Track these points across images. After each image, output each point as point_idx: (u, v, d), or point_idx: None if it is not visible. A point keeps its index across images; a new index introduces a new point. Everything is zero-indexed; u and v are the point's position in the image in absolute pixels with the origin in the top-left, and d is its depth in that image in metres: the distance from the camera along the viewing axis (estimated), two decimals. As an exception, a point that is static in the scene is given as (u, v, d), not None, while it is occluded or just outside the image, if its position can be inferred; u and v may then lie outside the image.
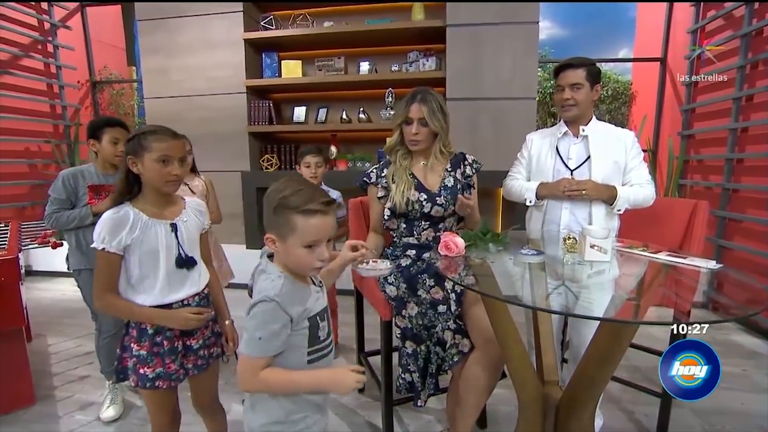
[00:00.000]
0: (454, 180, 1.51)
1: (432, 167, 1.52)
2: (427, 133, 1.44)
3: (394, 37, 2.98)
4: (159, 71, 3.16)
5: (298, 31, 3.00)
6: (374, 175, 1.52)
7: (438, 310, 1.29)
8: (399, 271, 1.41)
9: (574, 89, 1.48)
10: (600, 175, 1.45)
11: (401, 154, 1.50)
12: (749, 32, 2.59)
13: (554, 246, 1.35)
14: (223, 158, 3.16)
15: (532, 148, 1.63)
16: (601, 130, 1.53)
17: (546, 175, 1.53)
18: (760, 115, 2.54)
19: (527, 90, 2.82)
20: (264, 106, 3.12)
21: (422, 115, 1.42)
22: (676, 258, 1.11)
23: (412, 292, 1.35)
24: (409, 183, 1.45)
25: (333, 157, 3.17)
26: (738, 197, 2.68)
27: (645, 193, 1.46)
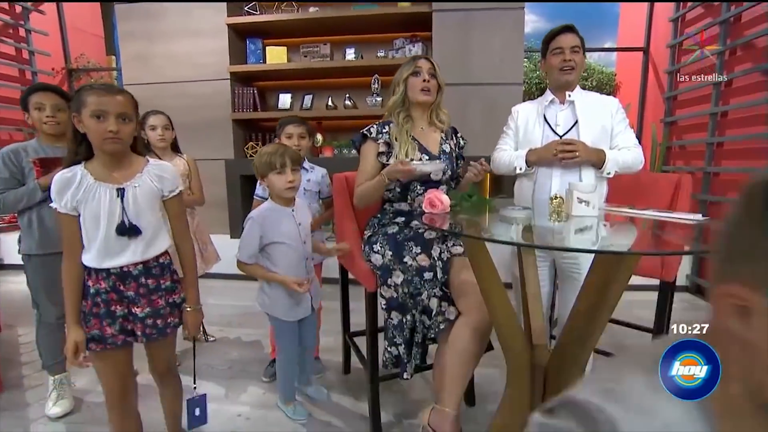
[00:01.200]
0: (450, 148, 1.53)
1: (429, 133, 1.52)
2: (435, 85, 1.46)
3: (380, 23, 2.96)
4: (139, 57, 3.08)
5: (282, 17, 2.95)
6: (375, 131, 1.48)
7: (424, 278, 1.27)
8: (385, 239, 1.38)
9: (575, 52, 1.47)
10: (588, 139, 1.44)
11: (403, 117, 1.48)
12: (727, 18, 2.64)
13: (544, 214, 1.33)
14: (206, 146, 3.09)
15: (519, 118, 1.60)
16: (586, 96, 1.53)
17: (535, 143, 1.51)
18: (739, 99, 2.59)
19: (514, 75, 2.82)
20: (248, 93, 3.06)
21: (431, 66, 1.46)
22: (663, 213, 1.10)
23: (398, 259, 1.32)
24: (411, 144, 1.45)
25: (319, 145, 3.13)
26: (719, 180, 2.73)
27: (633, 156, 1.45)
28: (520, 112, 1.61)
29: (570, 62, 1.45)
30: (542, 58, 1.59)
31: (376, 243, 1.40)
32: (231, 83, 3.06)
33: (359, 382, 1.75)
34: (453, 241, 1.36)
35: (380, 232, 1.42)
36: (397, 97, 1.48)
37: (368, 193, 1.43)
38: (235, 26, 3.01)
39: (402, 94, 1.47)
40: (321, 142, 3.12)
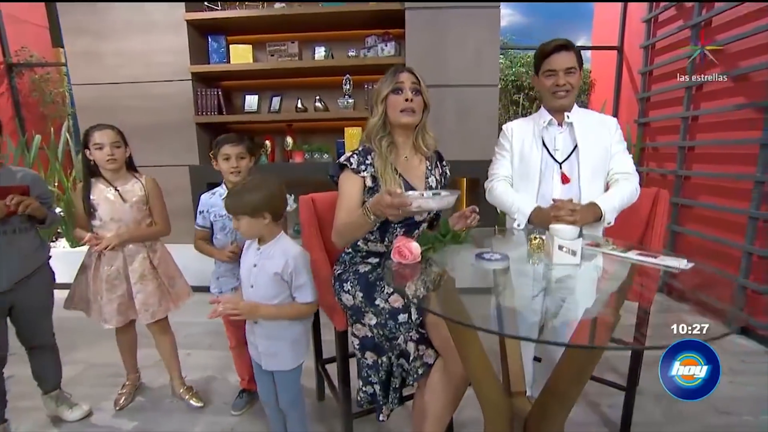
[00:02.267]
0: (436, 181, 1.37)
1: (413, 163, 1.35)
2: (420, 103, 1.28)
3: (350, 20, 2.81)
4: (88, 55, 2.81)
5: (246, 13, 2.76)
6: (356, 161, 1.26)
7: (398, 320, 1.17)
8: (356, 278, 1.29)
9: (569, 74, 1.35)
10: (589, 165, 1.36)
11: (386, 144, 1.28)
12: (699, 23, 2.64)
13: (523, 259, 1.25)
14: (168, 151, 2.89)
15: (514, 139, 1.48)
16: (585, 117, 1.44)
17: (533, 169, 1.41)
18: (709, 104, 2.61)
19: (490, 77, 2.75)
20: (212, 95, 2.87)
21: (416, 80, 1.27)
22: (647, 257, 1.05)
23: (369, 301, 1.23)
24: (396, 181, 1.25)
25: (289, 149, 2.99)
26: (690, 184, 2.76)
27: (630, 192, 1.36)
28: (515, 130, 1.49)
29: (564, 86, 1.35)
30: (534, 73, 1.47)
31: (346, 282, 1.30)
32: (193, 84, 2.85)
33: (334, 409, 1.68)
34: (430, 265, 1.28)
35: (351, 270, 1.32)
36: (376, 120, 1.28)
37: (349, 232, 1.22)
38: (195, 22, 2.80)
39: (382, 116, 1.28)
40: (291, 146, 2.98)
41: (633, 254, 1.07)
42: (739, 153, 2.37)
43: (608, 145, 1.40)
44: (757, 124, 2.22)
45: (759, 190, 2.19)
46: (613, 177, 1.42)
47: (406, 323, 1.17)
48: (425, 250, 1.07)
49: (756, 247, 2.20)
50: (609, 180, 1.43)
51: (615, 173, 1.41)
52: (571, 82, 1.35)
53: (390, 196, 1.02)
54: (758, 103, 2.21)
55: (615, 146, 1.42)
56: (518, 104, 4.22)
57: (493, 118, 2.80)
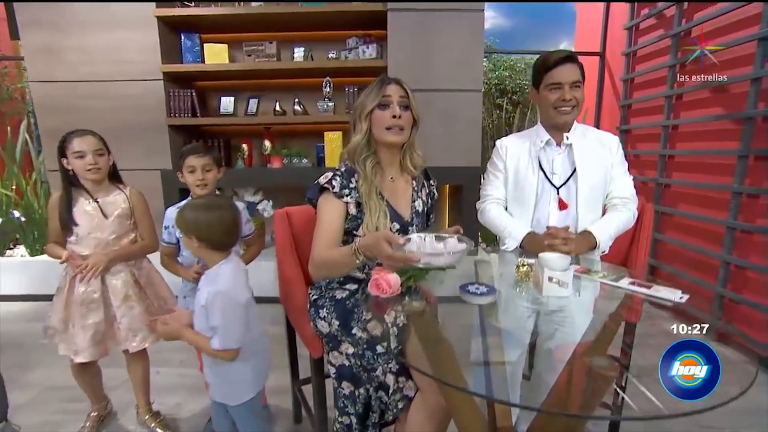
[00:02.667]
0: (422, 203, 1.29)
1: (399, 186, 1.24)
2: (409, 119, 1.17)
3: (331, 20, 2.71)
4: (47, 50, 2.62)
5: (221, 11, 2.63)
6: (338, 184, 1.15)
7: (376, 351, 1.10)
8: (332, 305, 1.21)
9: (575, 88, 1.25)
10: (587, 190, 1.29)
11: (371, 165, 1.16)
12: (678, 33, 2.65)
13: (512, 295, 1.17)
14: (138, 155, 2.73)
15: (508, 158, 1.38)
16: (585, 136, 1.34)
17: (528, 193, 1.32)
18: (689, 113, 2.63)
19: (474, 81, 2.70)
20: (185, 96, 2.73)
21: (404, 94, 1.15)
22: (640, 288, 1.00)
23: (345, 330, 1.15)
24: (382, 209, 1.15)
25: (267, 153, 2.87)
26: (670, 192, 2.78)
27: (627, 219, 1.31)
28: (509, 149, 1.39)
29: (570, 101, 1.25)
30: (533, 86, 1.36)
31: (322, 308, 1.22)
32: (165, 84, 2.70)
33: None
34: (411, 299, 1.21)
35: (327, 296, 1.23)
36: (360, 138, 1.16)
37: (331, 269, 1.12)
38: (166, 19, 2.65)
39: (366, 134, 1.16)
40: (269, 150, 2.86)
41: (625, 283, 1.02)
42: (717, 163, 2.39)
43: (608, 168, 1.33)
44: (735, 135, 2.23)
45: (737, 201, 2.21)
46: (612, 201, 1.35)
47: (384, 354, 1.10)
48: (406, 280, 1.00)
49: (734, 257, 2.22)
50: (607, 203, 1.37)
51: (614, 197, 1.35)
52: (577, 96, 1.26)
53: (389, 244, 0.93)
54: (736, 114, 2.23)
55: (616, 168, 1.34)
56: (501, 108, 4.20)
57: (477, 124, 2.76)
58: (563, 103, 1.26)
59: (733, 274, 2.26)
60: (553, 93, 1.27)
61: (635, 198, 1.37)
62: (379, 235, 0.96)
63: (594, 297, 1.15)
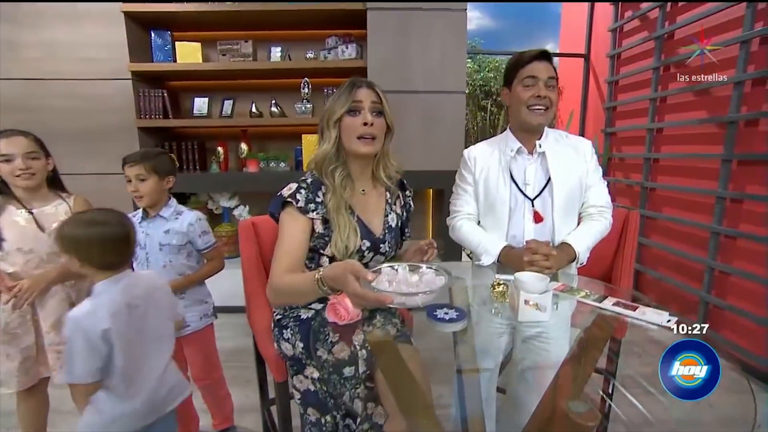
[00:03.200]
0: (397, 217, 1.19)
1: (371, 199, 1.15)
2: (382, 126, 1.07)
3: (309, 19, 2.61)
4: (5, 44, 2.44)
5: (194, 7, 2.50)
6: (303, 198, 1.05)
7: (343, 374, 1.01)
8: (297, 325, 1.11)
9: (550, 86, 1.18)
10: (563, 200, 1.21)
11: (340, 178, 1.07)
12: (662, 35, 2.62)
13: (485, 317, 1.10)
14: (105, 158, 2.59)
15: (477, 169, 1.29)
16: (557, 142, 1.27)
17: (500, 206, 1.24)
18: (672, 116, 2.60)
19: (456, 83, 2.63)
20: (156, 96, 2.60)
21: (376, 98, 1.05)
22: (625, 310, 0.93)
23: (310, 352, 1.06)
24: (352, 226, 1.05)
25: (243, 156, 2.76)
26: (655, 195, 2.75)
27: (603, 228, 1.25)
28: (478, 159, 1.30)
29: (545, 99, 1.17)
30: (505, 86, 1.28)
31: (286, 328, 1.12)
32: (134, 84, 2.57)
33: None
34: (381, 320, 1.12)
35: (291, 315, 1.14)
36: (328, 147, 1.06)
37: (293, 295, 1.02)
38: (135, 15, 2.51)
39: (335, 142, 1.07)
40: (246, 153, 2.75)
41: (609, 304, 0.95)
42: (702, 167, 2.36)
43: (583, 175, 1.26)
44: (719, 138, 2.20)
45: (721, 205, 2.18)
46: (588, 211, 1.29)
47: (352, 378, 1.01)
48: (370, 305, 0.91)
49: (718, 262, 2.19)
50: (582, 212, 1.31)
51: (590, 206, 1.28)
52: (551, 97, 1.19)
53: (356, 280, 0.82)
54: (719, 118, 2.19)
55: (591, 176, 1.27)
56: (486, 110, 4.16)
57: (460, 126, 2.69)
58: (537, 101, 1.18)
59: (717, 279, 2.23)
60: (527, 90, 1.19)
61: (610, 205, 1.32)
62: (346, 267, 0.85)
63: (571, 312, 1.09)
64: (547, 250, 1.12)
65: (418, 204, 2.97)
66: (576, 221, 1.29)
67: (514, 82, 1.23)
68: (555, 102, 1.21)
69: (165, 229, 1.37)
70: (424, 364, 1.03)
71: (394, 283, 0.84)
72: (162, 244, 1.36)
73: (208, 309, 1.49)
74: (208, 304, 1.49)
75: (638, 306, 0.93)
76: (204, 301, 1.48)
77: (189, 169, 2.75)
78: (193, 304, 1.43)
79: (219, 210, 2.92)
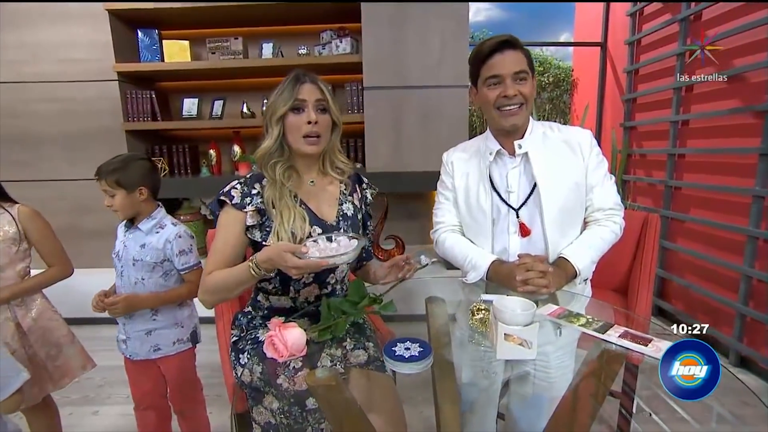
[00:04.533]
0: (354, 208, 1.09)
1: (323, 189, 1.08)
2: (327, 123, 1.02)
3: (301, 13, 2.47)
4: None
5: (181, 4, 2.39)
6: (238, 195, 1.01)
7: (306, 406, 0.87)
8: (254, 348, 0.96)
9: (519, 80, 1.00)
10: (555, 209, 1.02)
11: (282, 170, 1.02)
12: (687, 16, 2.37)
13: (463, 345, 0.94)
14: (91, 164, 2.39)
15: (457, 176, 1.14)
16: (545, 138, 1.07)
17: (482, 219, 1.07)
18: (701, 107, 2.34)
19: (458, 76, 2.43)
20: (144, 98, 2.50)
21: (321, 96, 1.00)
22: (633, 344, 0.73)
23: (269, 379, 0.91)
24: (299, 212, 0.99)
25: (236, 159, 2.64)
26: (681, 195, 2.49)
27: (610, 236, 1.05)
28: (455, 165, 1.15)
29: (515, 98, 1.00)
30: (472, 84, 1.11)
31: (243, 352, 0.98)
32: (120, 85, 2.48)
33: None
34: (353, 343, 0.96)
35: (248, 337, 1.00)
36: (269, 144, 1.00)
37: (225, 288, 0.95)
38: (120, 13, 2.42)
39: (278, 139, 1.00)
40: (238, 155, 2.63)
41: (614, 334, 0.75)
42: (734, 162, 2.10)
43: (581, 176, 1.06)
44: (755, 130, 1.95)
45: (758, 206, 1.92)
46: (593, 216, 1.09)
47: (315, 411, 0.87)
48: (321, 332, 0.74)
49: (756, 270, 1.93)
50: (587, 218, 1.11)
51: (595, 210, 1.08)
52: (523, 92, 1.00)
53: (291, 251, 0.84)
54: (755, 106, 1.94)
55: (593, 174, 1.07)
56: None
57: (463, 123, 2.49)
58: (506, 101, 1.00)
59: (755, 289, 1.97)
60: (493, 90, 1.01)
61: (620, 206, 1.11)
62: (279, 246, 0.86)
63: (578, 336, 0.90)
64: (543, 267, 0.94)
65: (419, 207, 2.79)
66: (579, 231, 1.09)
67: (478, 81, 1.05)
68: (529, 96, 1.02)
69: (141, 244, 1.24)
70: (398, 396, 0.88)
71: (323, 251, 0.89)
72: (135, 259, 1.24)
73: (183, 334, 1.33)
74: (185, 328, 1.33)
75: (651, 339, 0.73)
76: (179, 324, 1.32)
77: (181, 173, 2.64)
78: (165, 326, 1.29)
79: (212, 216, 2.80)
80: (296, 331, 0.72)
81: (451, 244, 1.13)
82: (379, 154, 2.44)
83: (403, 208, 2.77)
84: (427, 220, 2.83)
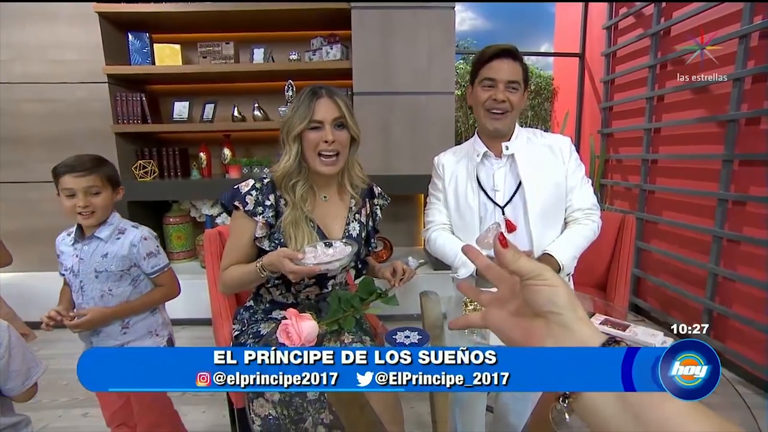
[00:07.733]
0: (360, 226, 1.12)
1: (333, 205, 1.11)
2: (346, 140, 1.03)
3: (292, 19, 2.53)
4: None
5: (172, 8, 2.42)
6: (252, 202, 1.03)
7: (307, 397, 0.92)
8: (255, 342, 1.01)
9: (511, 88, 1.09)
10: (538, 206, 1.11)
11: (303, 190, 1.03)
12: (658, 32, 2.53)
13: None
14: (80, 165, 2.49)
15: (447, 177, 1.22)
16: (529, 143, 1.17)
17: (470, 217, 1.16)
18: (670, 115, 2.50)
19: (445, 83, 2.53)
20: (135, 101, 2.51)
21: (338, 113, 1.00)
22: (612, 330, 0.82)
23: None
24: (309, 234, 1.02)
25: (226, 162, 2.66)
26: (654, 198, 2.64)
27: (589, 233, 1.14)
28: (446, 167, 1.23)
29: (503, 104, 1.08)
30: (470, 84, 1.20)
31: (244, 346, 1.03)
32: (110, 87, 2.48)
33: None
34: (351, 337, 1.02)
35: (250, 331, 1.05)
36: (289, 163, 1.00)
37: (240, 284, 1.07)
38: (110, 15, 2.43)
39: (297, 158, 1.01)
40: (228, 159, 2.66)
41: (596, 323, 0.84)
42: (702, 168, 2.25)
43: (562, 178, 1.16)
44: (719, 138, 2.10)
45: (722, 208, 2.07)
46: (572, 215, 1.19)
47: (316, 401, 0.92)
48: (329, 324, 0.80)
49: (721, 268, 2.08)
50: (567, 218, 1.20)
51: (575, 210, 1.18)
52: (512, 100, 1.09)
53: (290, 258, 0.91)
54: (719, 117, 2.09)
55: (572, 178, 1.17)
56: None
57: (449, 128, 2.59)
58: (494, 105, 1.09)
59: (721, 286, 2.11)
60: (485, 91, 1.10)
61: (597, 206, 1.21)
62: (280, 253, 0.93)
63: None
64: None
65: (407, 210, 2.87)
66: (560, 229, 1.19)
67: (476, 81, 1.14)
68: (517, 106, 1.11)
69: (103, 253, 1.14)
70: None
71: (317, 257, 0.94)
72: (98, 270, 1.13)
73: (159, 343, 1.25)
74: (160, 337, 1.25)
75: (629, 325, 0.82)
76: (154, 333, 1.24)
77: (170, 175, 2.65)
78: (138, 338, 1.20)
79: (202, 218, 2.81)
80: (311, 323, 0.77)
81: (441, 242, 1.20)
82: (368, 158, 2.50)
83: (390, 211, 2.83)
84: (415, 222, 2.91)
